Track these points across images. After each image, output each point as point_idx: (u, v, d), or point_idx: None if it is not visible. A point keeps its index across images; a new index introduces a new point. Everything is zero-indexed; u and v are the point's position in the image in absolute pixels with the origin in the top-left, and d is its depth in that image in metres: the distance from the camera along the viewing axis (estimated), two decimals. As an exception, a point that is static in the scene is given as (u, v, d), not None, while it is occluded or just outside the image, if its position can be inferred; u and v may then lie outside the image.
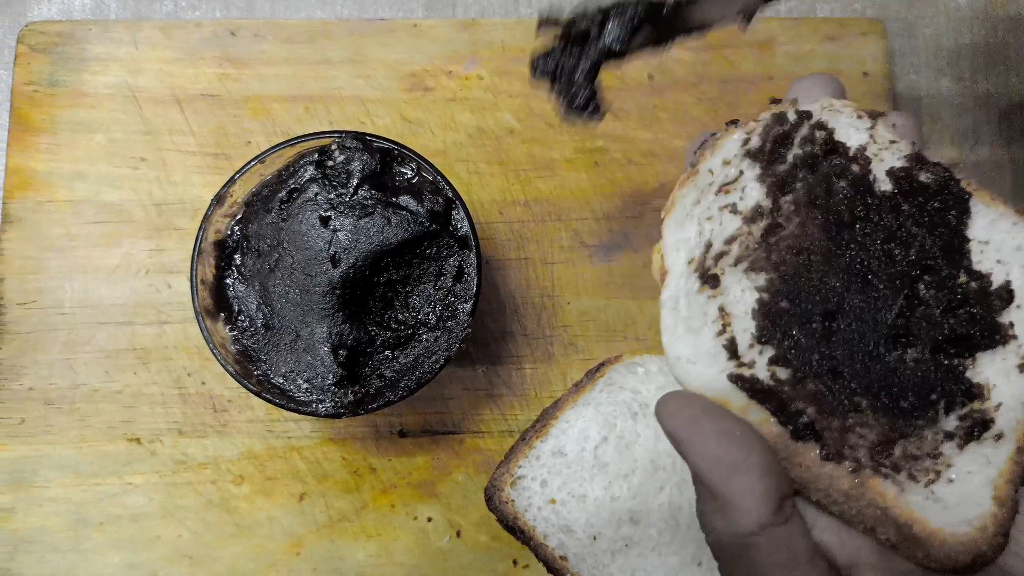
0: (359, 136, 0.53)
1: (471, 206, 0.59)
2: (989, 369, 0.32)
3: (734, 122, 0.37)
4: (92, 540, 0.58)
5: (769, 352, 0.32)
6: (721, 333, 0.33)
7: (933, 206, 0.34)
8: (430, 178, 0.54)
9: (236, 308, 0.53)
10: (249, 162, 0.53)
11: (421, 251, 0.53)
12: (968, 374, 0.32)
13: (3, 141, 0.63)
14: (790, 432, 0.31)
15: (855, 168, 0.35)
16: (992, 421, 0.31)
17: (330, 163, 0.53)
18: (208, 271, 0.53)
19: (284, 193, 0.53)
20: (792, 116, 0.36)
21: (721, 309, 0.33)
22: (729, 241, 0.35)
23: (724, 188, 0.36)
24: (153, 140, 0.63)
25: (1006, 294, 0.33)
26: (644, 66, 0.64)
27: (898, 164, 0.35)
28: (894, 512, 0.30)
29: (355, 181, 0.53)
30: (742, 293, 0.33)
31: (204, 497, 0.59)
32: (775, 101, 0.38)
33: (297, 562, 0.58)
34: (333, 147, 0.53)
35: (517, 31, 0.65)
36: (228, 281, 0.54)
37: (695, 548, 0.56)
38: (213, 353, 0.51)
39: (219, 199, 0.53)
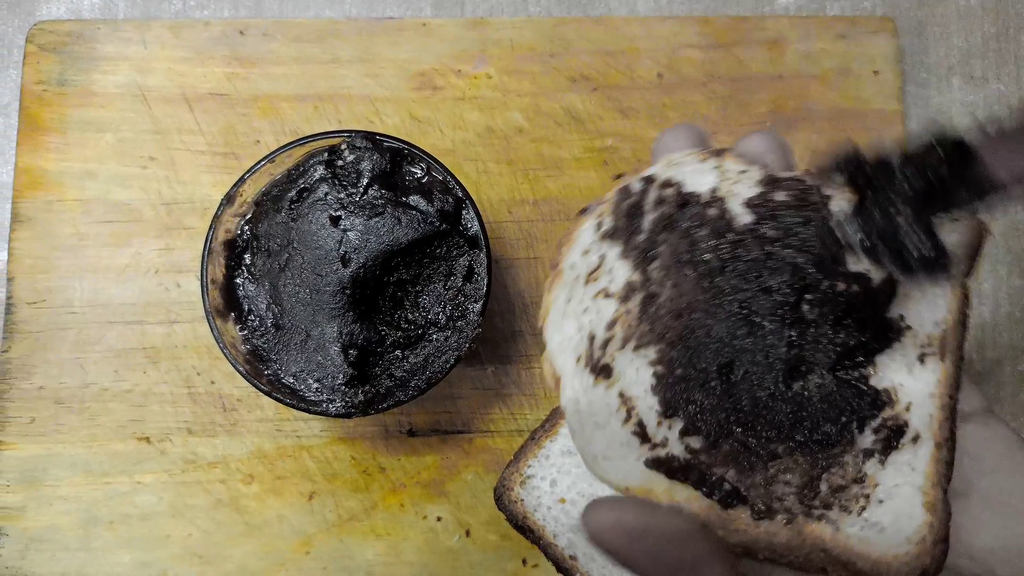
0: (369, 135, 0.53)
1: (480, 205, 0.59)
2: (891, 370, 0.32)
3: (584, 211, 0.37)
4: (103, 539, 0.58)
5: (678, 424, 0.32)
6: (628, 420, 0.32)
7: (794, 221, 0.33)
8: (440, 177, 0.54)
9: (246, 308, 0.53)
10: (259, 161, 0.53)
11: (431, 251, 0.53)
12: (872, 382, 0.31)
13: (13, 141, 0.63)
14: (718, 502, 0.31)
15: (711, 212, 0.34)
16: (906, 424, 0.31)
17: (340, 163, 0.53)
18: (218, 270, 0.53)
19: (294, 192, 0.53)
20: (636, 185, 0.35)
21: (621, 395, 0.32)
22: (610, 326, 0.34)
23: (591, 277, 0.35)
24: (162, 139, 0.63)
25: (888, 287, 0.32)
26: (653, 64, 0.64)
27: (752, 193, 0.34)
28: (836, 552, 0.30)
29: (365, 181, 0.53)
30: (637, 373, 0.33)
31: (214, 496, 0.59)
32: (618, 176, 0.37)
33: (307, 561, 0.58)
34: (343, 147, 0.53)
35: (526, 30, 0.64)
36: (238, 281, 0.54)
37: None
38: (223, 353, 0.51)
39: (229, 198, 0.53)
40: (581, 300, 0.35)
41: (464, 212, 0.54)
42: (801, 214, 0.33)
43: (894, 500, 0.30)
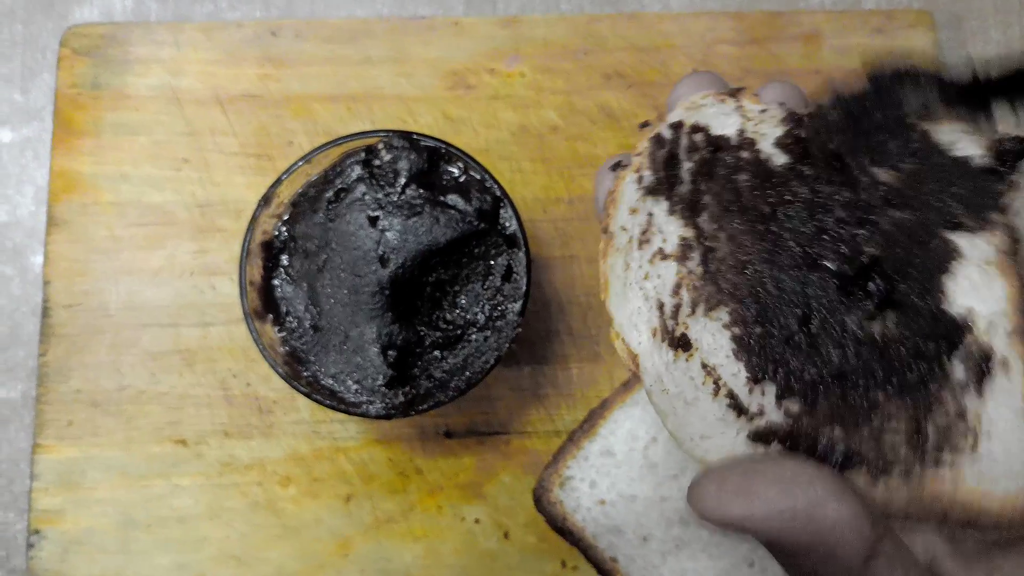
0: (406, 135, 0.53)
1: (515, 204, 0.58)
2: (959, 295, 0.30)
3: (617, 164, 0.35)
4: (141, 541, 0.58)
5: (771, 389, 0.30)
6: (717, 392, 0.30)
7: (825, 156, 0.31)
8: (478, 176, 0.53)
9: (284, 309, 0.53)
10: (296, 162, 0.53)
11: (469, 250, 0.53)
12: (946, 308, 0.29)
13: (48, 144, 0.63)
14: (835, 467, 0.29)
15: (745, 155, 0.33)
16: (991, 348, 0.29)
17: (377, 162, 0.53)
18: (256, 272, 0.53)
19: (331, 193, 0.53)
20: (667, 132, 0.34)
21: (704, 366, 0.31)
22: (676, 290, 0.32)
23: (643, 239, 0.33)
24: (195, 141, 0.63)
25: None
26: (688, 60, 0.64)
27: (780, 133, 0.33)
28: (959, 499, 0.28)
29: (403, 180, 0.52)
30: (714, 338, 0.31)
31: (250, 498, 0.59)
32: (644, 125, 0.35)
33: (344, 564, 0.58)
34: (380, 146, 0.53)
35: (559, 27, 0.64)
36: (275, 282, 0.54)
37: (747, 549, 0.55)
38: (263, 355, 0.51)
39: (266, 200, 0.53)
40: (639, 266, 0.33)
41: (502, 211, 0.53)
42: (833, 142, 0.31)
43: (1001, 430, 0.28)
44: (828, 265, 0.30)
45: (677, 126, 0.34)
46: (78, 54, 0.63)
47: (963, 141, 0.32)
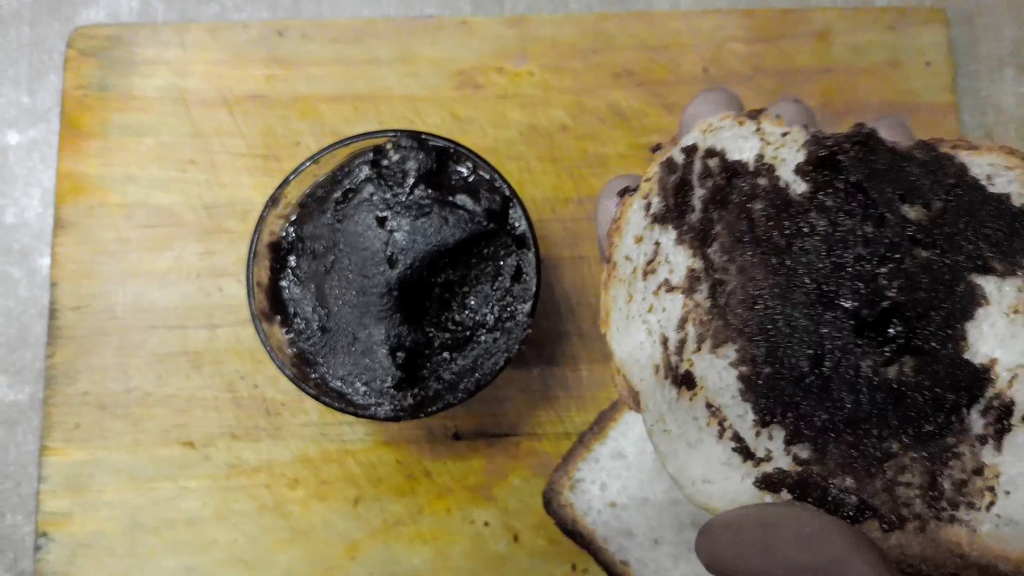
0: (414, 135, 0.52)
1: (524, 204, 0.58)
2: (982, 342, 0.28)
3: (625, 191, 0.33)
4: (149, 544, 0.58)
5: (779, 433, 0.28)
6: (722, 434, 0.28)
7: (850, 187, 0.30)
8: (486, 176, 0.53)
9: (292, 311, 0.53)
10: (303, 163, 0.52)
11: (478, 251, 0.52)
12: (967, 356, 0.28)
13: (55, 146, 0.63)
14: (845, 519, 0.27)
15: (762, 182, 0.31)
16: (1012, 402, 0.27)
17: (385, 163, 0.53)
18: (263, 273, 0.53)
19: (339, 194, 0.53)
20: (680, 157, 0.32)
21: (709, 405, 0.29)
22: (681, 325, 0.30)
23: (648, 269, 0.31)
24: (202, 142, 0.63)
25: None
26: (698, 59, 0.63)
27: (800, 158, 0.31)
28: (974, 556, 0.27)
29: (411, 180, 0.52)
30: (720, 377, 0.29)
31: (258, 501, 0.58)
32: (656, 148, 0.33)
33: (353, 567, 0.58)
34: (388, 146, 0.53)
35: (567, 26, 0.63)
36: (283, 283, 0.53)
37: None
38: (271, 356, 0.50)
39: (273, 200, 0.52)
40: (643, 297, 0.31)
41: (511, 211, 0.53)
42: (862, 172, 0.30)
43: (1020, 488, 0.27)
44: (844, 304, 0.29)
45: (691, 150, 0.32)
46: (84, 55, 0.63)
47: (1002, 176, 0.30)
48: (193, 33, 0.64)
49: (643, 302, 0.31)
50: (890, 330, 0.28)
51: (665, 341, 0.30)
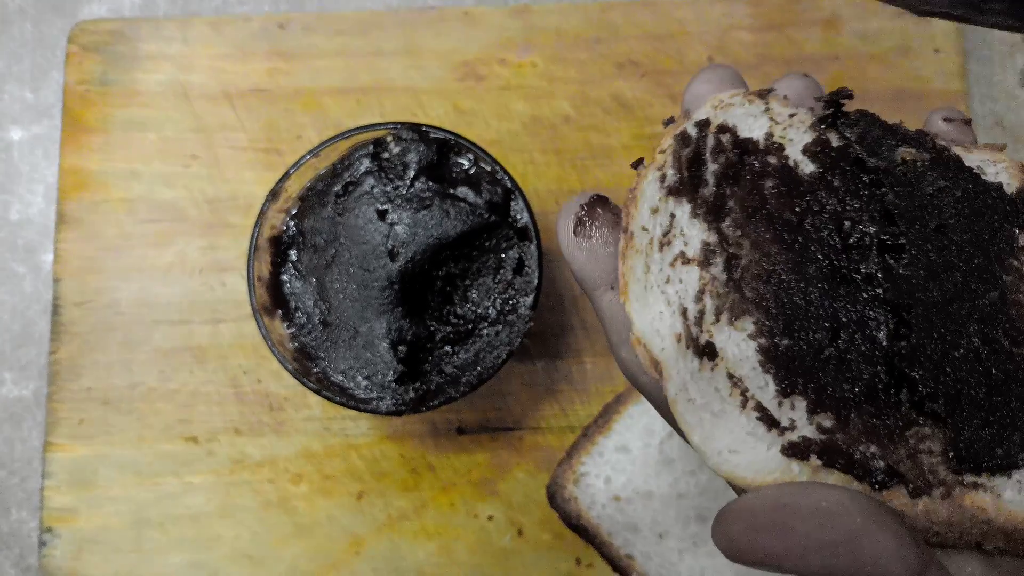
0: (415, 127, 0.52)
1: (527, 196, 0.57)
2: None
3: (639, 161, 0.34)
4: (154, 540, 0.58)
5: (802, 403, 0.28)
6: (745, 404, 0.29)
7: (857, 169, 0.31)
8: (488, 168, 0.52)
9: (293, 305, 0.52)
10: (303, 156, 0.52)
11: (480, 243, 0.52)
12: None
13: (57, 142, 0.63)
14: (872, 485, 0.27)
15: (772, 161, 0.31)
16: None
17: (386, 155, 0.52)
18: (264, 268, 0.52)
19: (339, 187, 0.52)
20: (693, 130, 0.32)
21: (731, 376, 0.29)
22: (699, 296, 0.30)
23: (664, 240, 0.32)
24: (205, 137, 0.62)
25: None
26: (704, 48, 0.62)
27: (808, 140, 0.32)
28: (999, 523, 0.27)
29: (412, 173, 0.51)
30: (739, 349, 0.29)
31: (262, 497, 0.58)
32: (668, 121, 0.34)
33: (357, 562, 0.57)
34: (389, 139, 0.52)
35: (571, 16, 0.63)
36: (284, 278, 0.53)
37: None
38: (272, 351, 0.50)
39: (274, 194, 0.52)
40: (661, 268, 0.31)
41: (513, 203, 0.52)
42: (868, 157, 0.31)
43: None
44: (857, 279, 0.29)
45: (704, 124, 0.33)
46: (87, 51, 0.63)
47: (991, 168, 0.31)
48: (195, 27, 0.64)
49: (660, 273, 0.32)
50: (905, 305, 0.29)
51: (684, 312, 0.31)
